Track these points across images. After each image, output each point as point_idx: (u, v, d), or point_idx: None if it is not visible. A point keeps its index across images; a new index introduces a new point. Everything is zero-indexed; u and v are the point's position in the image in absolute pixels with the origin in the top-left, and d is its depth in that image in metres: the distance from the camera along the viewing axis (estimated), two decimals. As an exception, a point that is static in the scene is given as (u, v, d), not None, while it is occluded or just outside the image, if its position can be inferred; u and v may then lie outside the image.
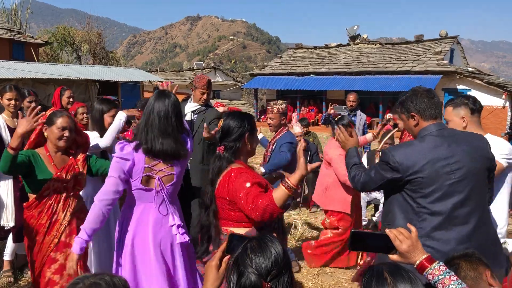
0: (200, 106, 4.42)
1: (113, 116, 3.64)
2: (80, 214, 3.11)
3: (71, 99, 5.00)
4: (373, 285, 1.31)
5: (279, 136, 4.46)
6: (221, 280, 1.59)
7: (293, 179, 2.20)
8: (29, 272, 4.26)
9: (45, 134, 3.04)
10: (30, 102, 4.70)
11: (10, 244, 4.23)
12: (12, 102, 4.19)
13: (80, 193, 3.28)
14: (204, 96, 4.39)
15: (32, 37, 22.62)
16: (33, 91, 4.84)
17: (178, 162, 2.67)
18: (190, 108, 4.43)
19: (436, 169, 2.35)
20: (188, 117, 4.38)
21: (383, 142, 4.62)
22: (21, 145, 2.82)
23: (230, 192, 2.33)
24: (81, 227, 2.57)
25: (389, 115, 4.93)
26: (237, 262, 1.41)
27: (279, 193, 2.19)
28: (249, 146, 2.48)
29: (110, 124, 3.66)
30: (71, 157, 3.13)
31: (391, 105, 18.04)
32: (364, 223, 5.83)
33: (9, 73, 14.51)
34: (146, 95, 22.11)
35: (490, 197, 2.63)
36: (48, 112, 3.04)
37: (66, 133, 3.02)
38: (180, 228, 2.69)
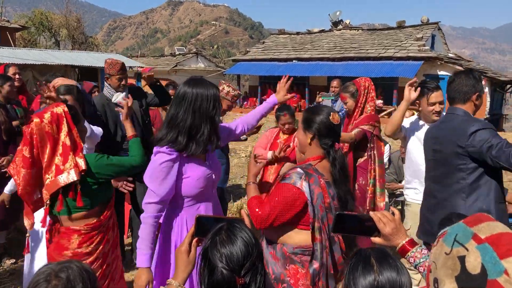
0: (124, 93, 4.13)
1: None
2: None
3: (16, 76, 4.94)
4: (359, 271, 1.23)
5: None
6: (192, 265, 1.56)
7: None
8: (7, 261, 4.20)
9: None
10: None
11: (-13, 233, 4.14)
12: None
13: None
14: (123, 82, 4.14)
15: (8, 21, 22.00)
16: None
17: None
18: (118, 96, 4.11)
19: (426, 143, 3.00)
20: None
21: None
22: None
23: None
24: None
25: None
26: (207, 256, 1.35)
27: None
28: None
29: None
30: None
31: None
32: None
33: (-16, 58, 14.10)
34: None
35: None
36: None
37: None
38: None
